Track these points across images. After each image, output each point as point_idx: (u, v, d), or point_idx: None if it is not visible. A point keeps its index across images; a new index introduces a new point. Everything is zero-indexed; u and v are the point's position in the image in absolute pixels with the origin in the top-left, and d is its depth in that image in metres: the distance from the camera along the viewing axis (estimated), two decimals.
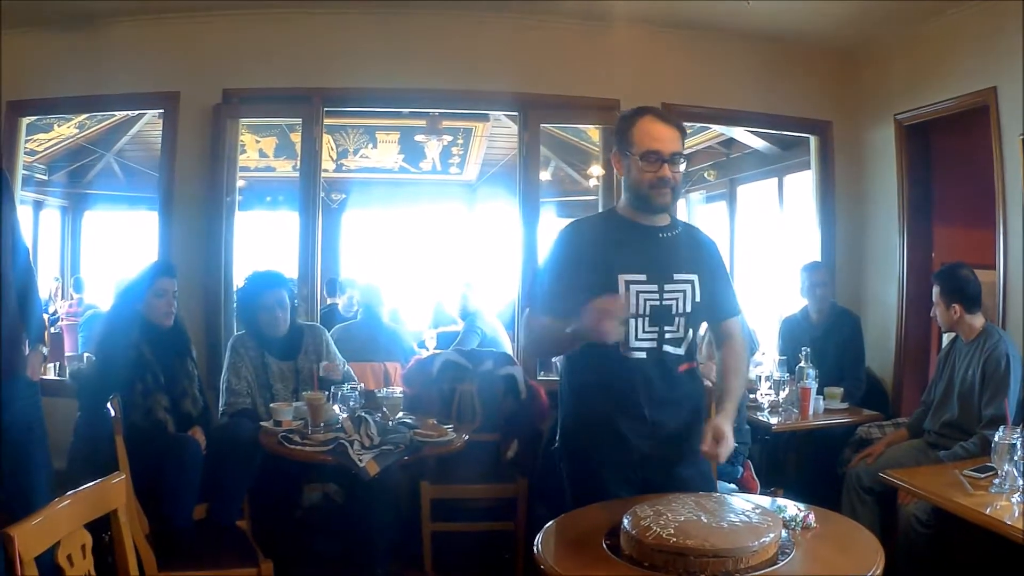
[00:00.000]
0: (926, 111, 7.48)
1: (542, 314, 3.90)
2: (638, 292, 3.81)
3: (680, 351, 3.93)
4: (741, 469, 6.29)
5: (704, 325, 4.18)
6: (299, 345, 6.28)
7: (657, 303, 3.84)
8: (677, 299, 3.87)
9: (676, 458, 3.91)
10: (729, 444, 3.80)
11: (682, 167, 3.86)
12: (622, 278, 3.81)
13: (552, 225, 9.84)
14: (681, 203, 9.00)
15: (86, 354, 7.37)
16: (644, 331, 3.84)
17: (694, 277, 3.92)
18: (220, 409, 6.07)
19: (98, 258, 13.84)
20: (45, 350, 5.03)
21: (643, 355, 3.85)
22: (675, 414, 3.91)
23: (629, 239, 3.91)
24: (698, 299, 3.92)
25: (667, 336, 3.88)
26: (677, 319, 3.89)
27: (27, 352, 4.74)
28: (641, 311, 3.82)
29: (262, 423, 5.59)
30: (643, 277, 3.83)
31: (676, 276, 3.88)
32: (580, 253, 3.90)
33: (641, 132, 3.81)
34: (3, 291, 4.52)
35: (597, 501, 3.60)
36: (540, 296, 3.95)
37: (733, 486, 6.01)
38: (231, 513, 5.52)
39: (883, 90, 8.05)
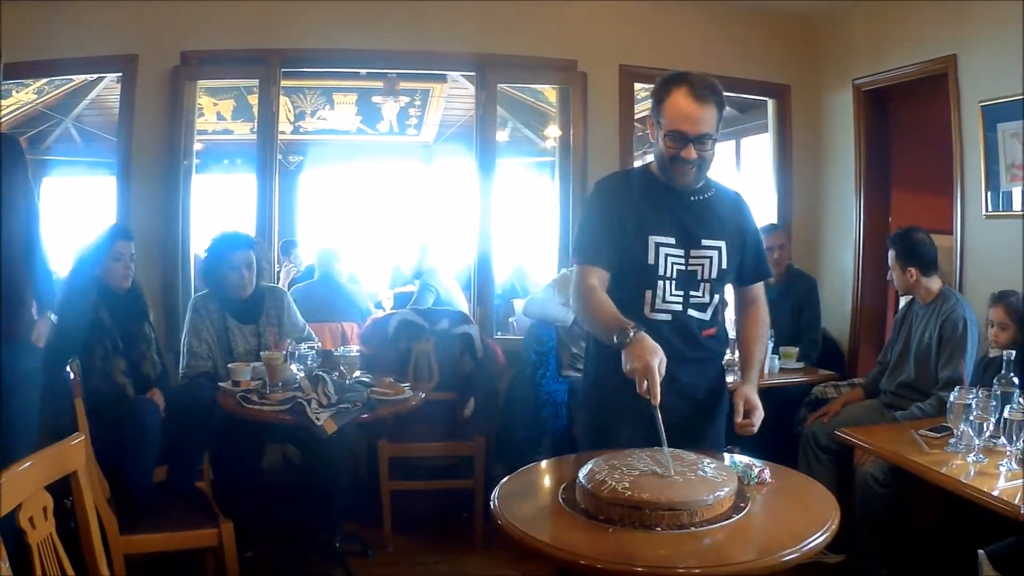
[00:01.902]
0: (885, 77, 7.55)
1: (592, 263, 3.84)
2: (667, 255, 3.81)
3: (705, 316, 3.94)
4: None
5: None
6: (260, 308, 6.28)
7: (683, 267, 3.85)
8: (703, 265, 3.87)
9: (692, 416, 3.92)
10: (760, 414, 3.81)
11: (711, 145, 3.77)
12: (652, 239, 3.81)
13: (509, 185, 9.89)
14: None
15: None
16: (671, 294, 3.84)
17: (721, 244, 3.91)
18: (180, 372, 6.07)
19: (58, 224, 13.72)
20: (54, 317, 5.05)
21: (668, 317, 3.85)
22: (695, 373, 3.91)
23: (661, 200, 3.88)
24: (724, 266, 3.91)
25: (692, 301, 3.89)
26: (703, 284, 3.89)
27: (36, 317, 4.80)
28: (668, 274, 3.82)
29: (220, 384, 5.61)
30: (672, 240, 3.83)
31: (704, 242, 3.88)
32: (614, 208, 3.88)
33: (672, 107, 3.70)
34: (6, 253, 4.54)
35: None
36: (587, 245, 3.89)
37: None
38: (191, 475, 5.56)
39: (842, 55, 8.11)
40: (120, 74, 7.51)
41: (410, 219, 14.14)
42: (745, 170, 10.39)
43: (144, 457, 5.18)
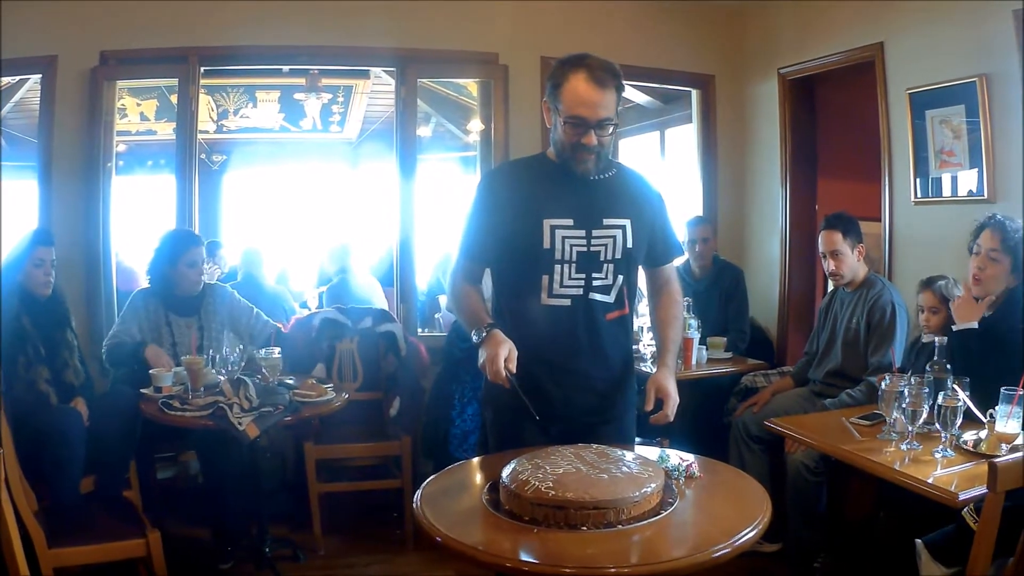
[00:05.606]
0: (811, 65, 7.60)
1: (464, 259, 3.85)
2: (564, 237, 3.73)
3: (608, 299, 3.86)
4: None
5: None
6: (200, 300, 6.36)
7: (584, 249, 3.76)
8: (606, 245, 3.79)
9: (597, 410, 3.89)
10: (674, 401, 3.77)
11: (611, 130, 3.72)
12: (547, 223, 3.72)
13: (433, 180, 9.85)
14: None
15: None
16: (570, 278, 3.77)
17: (626, 222, 3.83)
18: (104, 344, 6.17)
19: None
20: None
21: (568, 302, 3.78)
22: (599, 363, 3.86)
23: (557, 182, 3.80)
24: (630, 245, 3.83)
25: (594, 283, 3.80)
26: (605, 266, 3.81)
27: None
28: (567, 257, 3.74)
29: (142, 390, 5.57)
30: (570, 222, 3.74)
31: (605, 221, 3.79)
32: (502, 197, 3.82)
33: (569, 93, 3.64)
34: None
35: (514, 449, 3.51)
36: (463, 241, 3.86)
37: None
38: (117, 484, 5.49)
39: (768, 45, 8.15)
40: (40, 76, 7.38)
41: (336, 216, 14.05)
42: (670, 161, 10.40)
43: (69, 467, 5.10)
